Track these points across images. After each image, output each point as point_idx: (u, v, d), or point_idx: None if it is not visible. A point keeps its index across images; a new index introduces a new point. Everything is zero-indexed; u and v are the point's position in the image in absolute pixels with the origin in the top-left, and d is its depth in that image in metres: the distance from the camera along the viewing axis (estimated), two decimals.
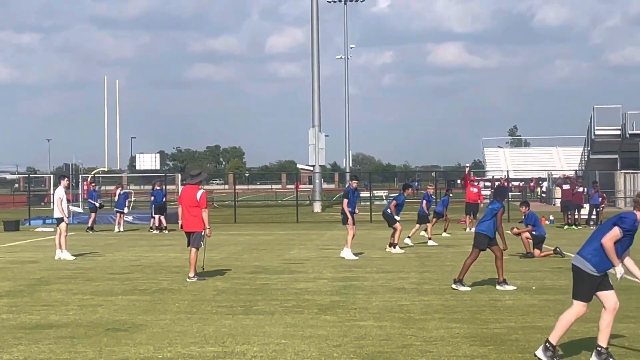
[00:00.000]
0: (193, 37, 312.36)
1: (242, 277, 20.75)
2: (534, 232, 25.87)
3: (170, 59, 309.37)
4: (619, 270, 10.51)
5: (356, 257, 25.35)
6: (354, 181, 26.63)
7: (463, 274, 18.09)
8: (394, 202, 28.20)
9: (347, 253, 25.49)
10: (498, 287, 17.97)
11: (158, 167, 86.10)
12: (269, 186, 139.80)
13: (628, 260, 10.79)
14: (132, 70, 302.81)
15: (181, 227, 20.72)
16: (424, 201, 32.67)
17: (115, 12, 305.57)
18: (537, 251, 25.67)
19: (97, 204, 43.99)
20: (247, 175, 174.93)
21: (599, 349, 10.61)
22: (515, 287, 17.96)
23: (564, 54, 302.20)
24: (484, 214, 18.48)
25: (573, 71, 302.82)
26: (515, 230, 26.26)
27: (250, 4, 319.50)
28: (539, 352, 10.68)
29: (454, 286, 17.91)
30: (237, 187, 72.75)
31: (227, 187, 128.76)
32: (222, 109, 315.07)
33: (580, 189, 43.35)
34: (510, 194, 65.63)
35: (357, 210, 26.52)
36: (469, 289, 17.81)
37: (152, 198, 43.01)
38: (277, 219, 55.74)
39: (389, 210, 28.00)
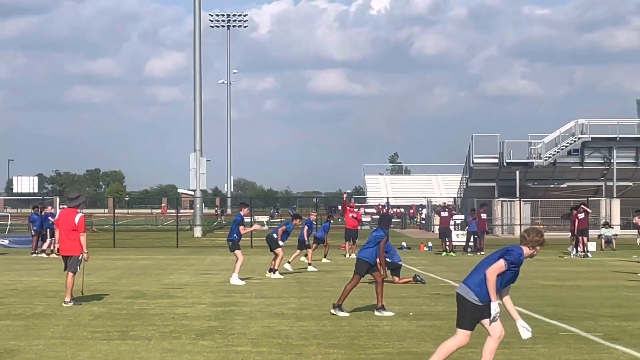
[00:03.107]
0: (71, 59, 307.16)
1: (119, 301, 20.48)
2: (387, 260, 25.83)
3: (48, 81, 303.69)
4: (494, 307, 10.60)
5: (243, 283, 25.29)
6: (245, 208, 27.14)
7: (342, 299, 18.16)
8: (284, 227, 28.43)
9: (234, 279, 25.38)
10: (376, 313, 18.08)
11: (36, 190, 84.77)
12: (149, 210, 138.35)
13: (507, 299, 10.94)
14: (9, 91, 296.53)
15: (58, 251, 20.36)
16: (305, 227, 32.75)
17: None
18: (395, 278, 25.74)
19: None
20: (127, 199, 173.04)
21: None
22: (393, 313, 18.09)
23: (443, 82, 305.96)
24: (367, 241, 18.58)
25: (451, 100, 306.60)
26: None
27: (129, 28, 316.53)
28: None
29: (332, 311, 17.97)
30: (116, 211, 71.85)
31: (106, 211, 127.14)
32: (102, 132, 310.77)
33: (484, 215, 44.15)
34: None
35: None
36: (347, 314, 17.88)
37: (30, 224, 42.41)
38: (157, 243, 55.24)
39: (275, 235, 28.11)
